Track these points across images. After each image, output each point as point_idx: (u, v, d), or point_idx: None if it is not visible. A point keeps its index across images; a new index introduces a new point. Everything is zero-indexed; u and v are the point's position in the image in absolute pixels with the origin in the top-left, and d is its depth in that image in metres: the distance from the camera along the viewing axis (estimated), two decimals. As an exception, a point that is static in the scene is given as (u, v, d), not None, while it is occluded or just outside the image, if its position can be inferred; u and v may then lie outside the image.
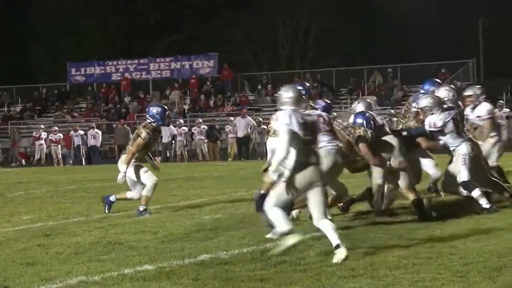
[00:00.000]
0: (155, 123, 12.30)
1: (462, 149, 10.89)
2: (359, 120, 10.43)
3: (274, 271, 7.04)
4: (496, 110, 13.35)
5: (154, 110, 12.45)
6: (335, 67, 46.59)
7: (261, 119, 36.06)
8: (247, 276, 6.86)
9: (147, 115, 12.47)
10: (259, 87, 44.72)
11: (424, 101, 11.17)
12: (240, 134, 34.16)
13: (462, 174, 10.82)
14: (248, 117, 35.47)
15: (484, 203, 10.68)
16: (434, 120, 10.87)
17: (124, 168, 11.98)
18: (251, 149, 35.48)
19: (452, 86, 12.69)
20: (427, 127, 10.93)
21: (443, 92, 11.40)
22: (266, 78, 46.70)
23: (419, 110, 11.22)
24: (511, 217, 10.09)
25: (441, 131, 10.89)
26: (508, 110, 32.15)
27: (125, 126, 36.06)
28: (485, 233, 8.70)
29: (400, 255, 7.56)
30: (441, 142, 11.07)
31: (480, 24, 52.23)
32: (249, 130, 34.48)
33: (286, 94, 8.11)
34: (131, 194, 12.31)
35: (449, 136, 10.91)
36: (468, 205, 10.84)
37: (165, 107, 13.13)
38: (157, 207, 12.73)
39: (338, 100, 41.46)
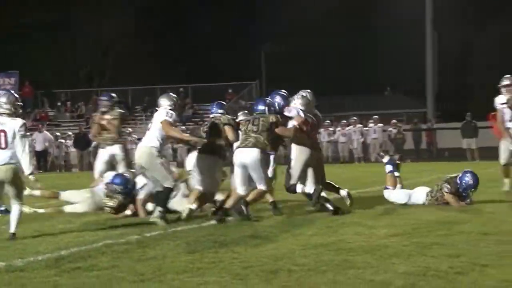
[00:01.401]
0: None
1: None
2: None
3: (67, 277, 6.86)
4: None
5: None
6: (132, 86, 46.59)
7: (58, 134, 35.78)
8: (42, 282, 6.64)
9: None
10: (59, 103, 44.31)
11: (241, 116, 12.17)
12: (38, 148, 33.34)
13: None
14: (46, 131, 35.03)
15: (330, 206, 11.26)
16: None
17: None
18: (50, 162, 35.13)
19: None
20: None
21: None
22: (65, 95, 46.23)
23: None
24: (287, 224, 10.37)
25: None
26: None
27: None
28: (263, 239, 8.86)
29: (187, 260, 7.58)
30: None
31: (263, 50, 54.17)
32: (46, 144, 34.16)
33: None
34: None
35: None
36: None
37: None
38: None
39: (133, 117, 41.67)
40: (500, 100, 13.44)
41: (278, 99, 11.94)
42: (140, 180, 11.95)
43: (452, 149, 34.41)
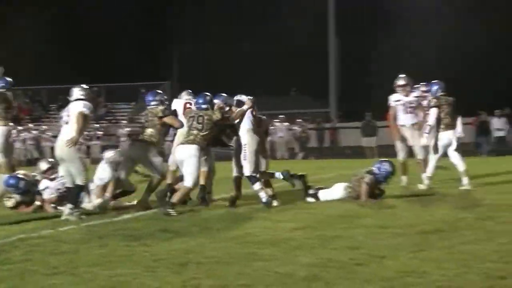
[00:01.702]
0: None
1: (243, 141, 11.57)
2: None
3: (-20, 272, 6.71)
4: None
5: None
6: (47, 85, 45.81)
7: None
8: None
9: None
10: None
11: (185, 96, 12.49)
12: None
13: (245, 168, 11.39)
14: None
15: (263, 196, 11.34)
16: None
17: None
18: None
19: None
20: None
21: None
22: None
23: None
24: (197, 218, 10.34)
25: None
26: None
27: None
28: (174, 233, 8.83)
29: (99, 253, 7.50)
30: None
31: (176, 50, 54.07)
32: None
33: None
34: None
35: None
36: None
37: None
38: None
39: (48, 115, 41.11)
40: (394, 98, 13.74)
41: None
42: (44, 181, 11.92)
43: (353, 147, 34.95)
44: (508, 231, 8.02)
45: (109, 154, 11.87)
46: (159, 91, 12.44)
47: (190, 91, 12.68)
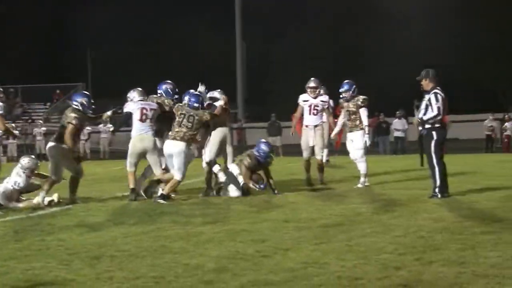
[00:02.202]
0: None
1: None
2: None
3: None
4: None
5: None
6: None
7: None
8: None
9: None
10: None
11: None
12: None
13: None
14: None
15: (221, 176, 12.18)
16: None
17: None
18: None
19: None
20: None
21: None
22: None
23: None
24: (111, 213, 10.20)
25: None
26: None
27: None
28: (88, 227, 8.69)
29: (15, 247, 7.32)
30: None
31: (89, 53, 53.49)
32: None
33: None
34: None
35: None
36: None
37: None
38: None
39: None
40: (303, 98, 13.86)
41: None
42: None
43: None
44: (402, 225, 8.18)
45: (24, 160, 11.41)
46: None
47: (140, 89, 12.45)
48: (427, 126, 10.92)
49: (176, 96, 12.51)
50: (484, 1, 48.43)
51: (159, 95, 12.50)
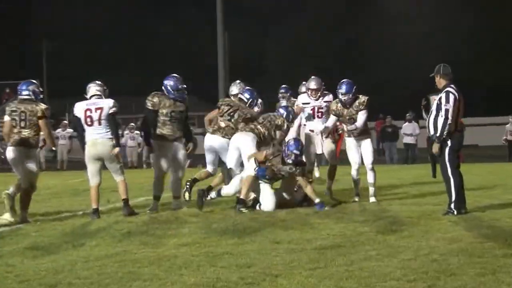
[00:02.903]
0: None
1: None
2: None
3: None
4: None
5: None
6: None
7: None
8: None
9: None
10: None
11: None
12: None
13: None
14: None
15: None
16: None
17: None
18: None
19: None
20: None
21: None
22: None
23: None
24: (69, 234, 10.13)
25: None
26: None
27: None
28: (42, 250, 8.64)
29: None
30: None
31: (44, 48, 53.52)
32: None
33: None
34: None
35: None
36: None
37: None
38: None
39: None
40: (302, 100, 13.94)
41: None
42: None
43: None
44: (412, 246, 8.17)
45: None
46: None
47: (99, 82, 12.42)
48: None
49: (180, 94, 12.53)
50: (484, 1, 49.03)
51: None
